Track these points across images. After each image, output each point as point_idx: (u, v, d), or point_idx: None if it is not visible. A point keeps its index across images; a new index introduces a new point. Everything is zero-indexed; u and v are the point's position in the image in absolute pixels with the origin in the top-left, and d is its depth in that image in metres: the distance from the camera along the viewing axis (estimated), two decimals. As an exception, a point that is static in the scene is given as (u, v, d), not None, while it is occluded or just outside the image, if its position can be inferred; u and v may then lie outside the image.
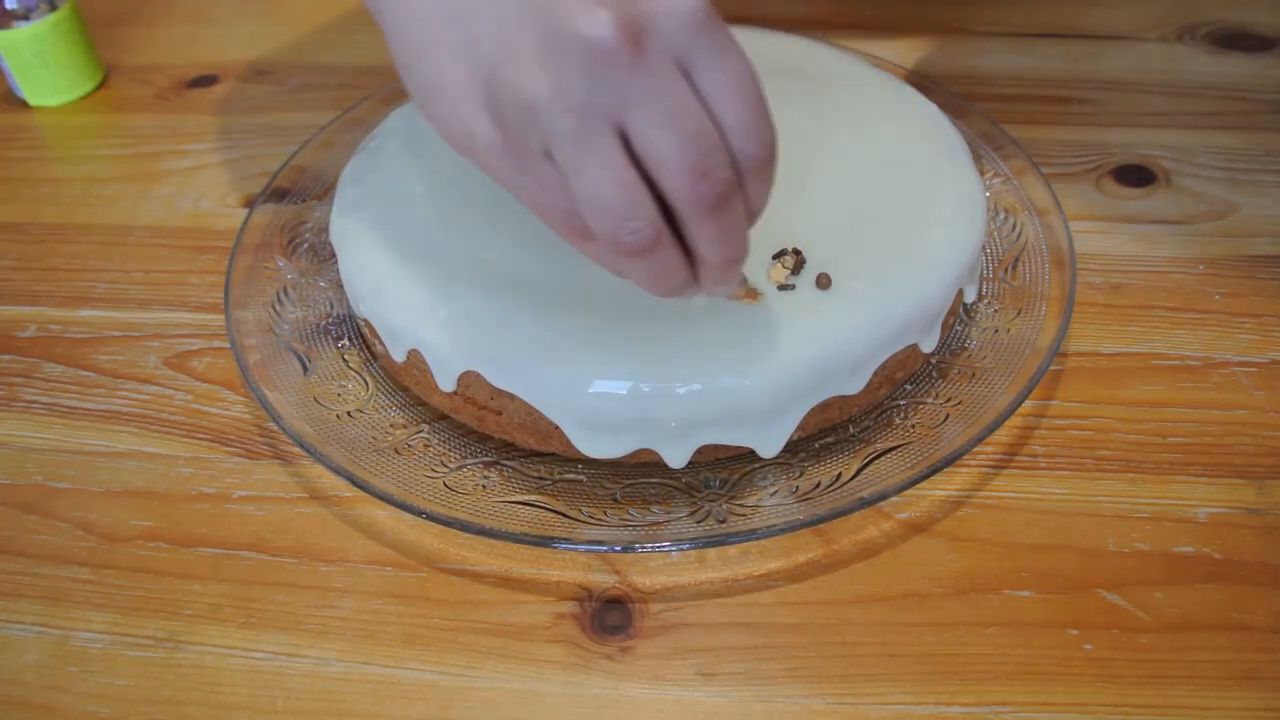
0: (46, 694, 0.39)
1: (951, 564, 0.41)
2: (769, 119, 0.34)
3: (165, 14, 0.74)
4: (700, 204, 0.33)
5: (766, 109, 0.34)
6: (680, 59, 0.32)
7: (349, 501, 0.44)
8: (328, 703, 0.38)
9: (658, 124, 0.32)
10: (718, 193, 0.33)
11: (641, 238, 0.33)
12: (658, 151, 0.32)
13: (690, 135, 0.32)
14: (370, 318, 0.45)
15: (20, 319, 0.53)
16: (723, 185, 0.33)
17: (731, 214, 0.34)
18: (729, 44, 0.33)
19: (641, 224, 0.33)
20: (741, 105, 0.33)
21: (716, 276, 0.36)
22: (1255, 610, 0.39)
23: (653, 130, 0.32)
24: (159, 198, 0.59)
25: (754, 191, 0.35)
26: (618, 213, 0.33)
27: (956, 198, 0.46)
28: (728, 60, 0.33)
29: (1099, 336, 0.49)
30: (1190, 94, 0.62)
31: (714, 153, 0.32)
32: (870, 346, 0.41)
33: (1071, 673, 0.38)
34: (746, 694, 0.38)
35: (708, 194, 0.33)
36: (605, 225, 0.33)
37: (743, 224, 0.35)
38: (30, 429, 0.47)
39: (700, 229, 0.34)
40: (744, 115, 0.33)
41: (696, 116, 0.32)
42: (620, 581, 0.41)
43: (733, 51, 0.33)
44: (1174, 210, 0.55)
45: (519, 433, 0.43)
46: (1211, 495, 0.42)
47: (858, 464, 0.42)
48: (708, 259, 0.35)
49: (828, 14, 0.69)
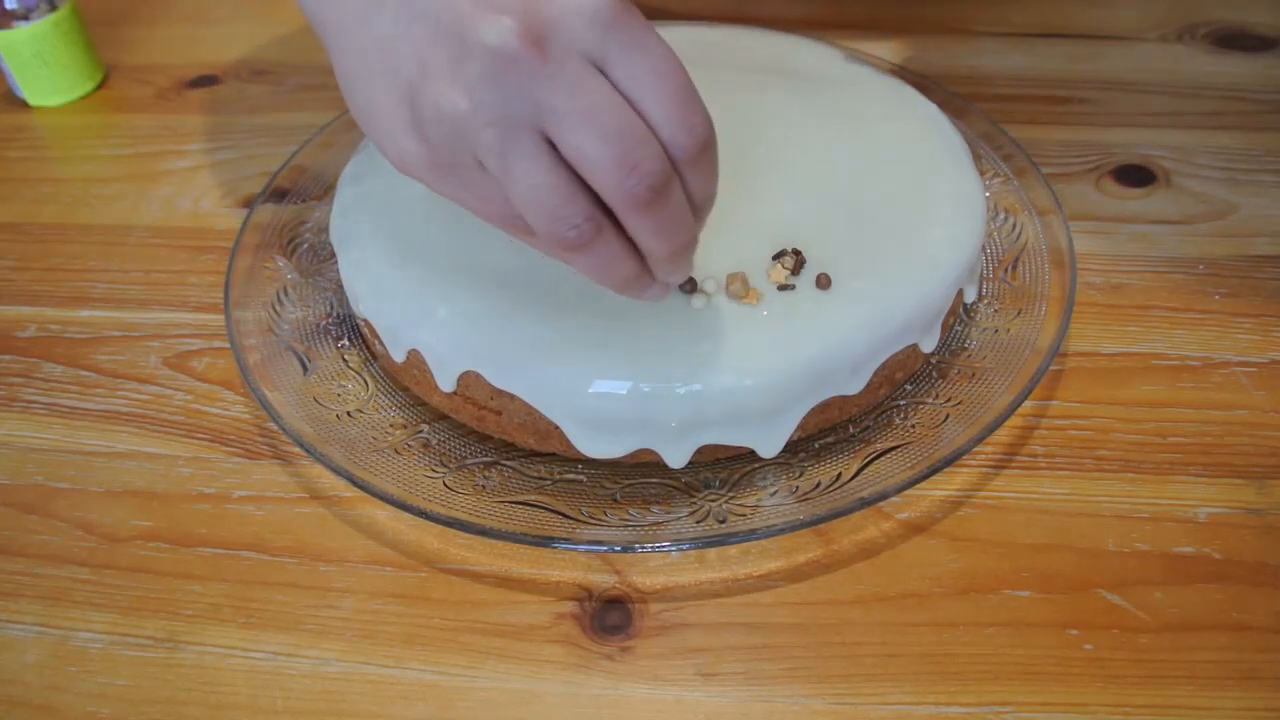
0: (46, 694, 0.39)
1: (951, 564, 0.41)
2: (697, 107, 0.33)
3: (165, 14, 0.74)
4: (631, 200, 0.33)
5: (694, 97, 0.33)
6: (593, 57, 0.32)
7: (349, 501, 0.44)
8: (328, 703, 0.38)
9: (574, 125, 0.32)
10: (647, 186, 0.32)
11: (580, 234, 0.34)
12: (578, 152, 0.32)
13: (609, 132, 0.32)
14: (370, 318, 0.45)
15: (20, 319, 0.53)
16: (652, 179, 0.32)
17: (667, 206, 0.33)
18: (646, 36, 0.32)
19: (579, 221, 0.33)
20: (664, 96, 0.33)
21: (665, 267, 0.36)
22: (1255, 610, 0.39)
23: (571, 132, 0.32)
24: (159, 198, 0.59)
25: (694, 182, 0.34)
26: (553, 214, 0.33)
27: (956, 198, 0.46)
28: (645, 53, 0.32)
29: (1099, 336, 0.49)
30: (1190, 94, 0.62)
31: (639, 146, 0.32)
32: (870, 346, 0.41)
33: (1071, 673, 0.38)
34: (746, 694, 0.38)
35: (636, 189, 0.32)
36: (544, 226, 0.34)
37: (683, 215, 0.34)
38: (30, 429, 0.47)
39: (637, 223, 0.34)
40: (668, 106, 0.33)
41: (616, 112, 0.32)
42: (620, 581, 0.41)
43: (651, 43, 0.33)
44: (1174, 210, 0.55)
45: (519, 433, 0.43)
46: (1211, 495, 0.42)
47: (858, 464, 0.42)
48: (651, 251, 0.35)
49: (828, 14, 0.69)
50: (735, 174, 0.45)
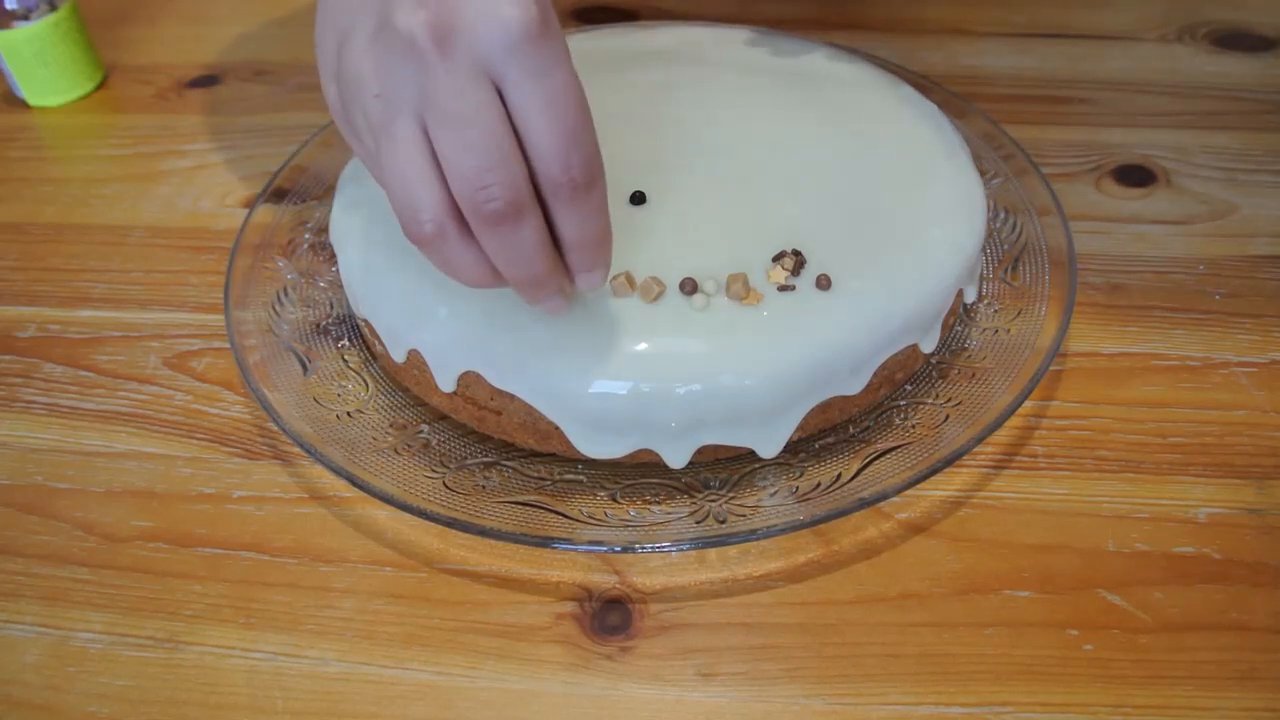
0: (46, 694, 0.39)
1: (951, 564, 0.41)
2: (583, 147, 0.33)
3: (165, 14, 0.74)
4: (475, 214, 0.33)
5: (583, 135, 0.33)
6: (493, 71, 0.32)
7: (349, 501, 0.44)
8: (328, 703, 0.38)
9: (445, 125, 0.33)
10: (492, 209, 0.33)
11: (422, 231, 0.34)
12: (442, 153, 0.33)
13: (473, 143, 0.32)
14: (370, 318, 0.45)
15: (20, 319, 0.53)
16: (500, 204, 0.33)
17: (516, 233, 0.34)
18: (554, 64, 0.32)
19: (426, 215, 0.34)
20: (550, 127, 0.33)
21: (519, 286, 0.36)
22: (1255, 610, 0.39)
23: (439, 130, 0.33)
24: (159, 198, 0.59)
25: (565, 220, 0.34)
26: (406, 201, 0.34)
27: (956, 198, 0.46)
28: (544, 80, 0.32)
29: (1099, 336, 0.49)
30: (1190, 94, 0.62)
31: (496, 168, 0.32)
32: (870, 347, 0.41)
33: (1071, 673, 0.38)
34: (746, 694, 0.38)
35: (482, 207, 0.33)
36: (396, 208, 0.35)
37: (532, 248, 0.34)
38: (30, 429, 0.47)
39: (481, 238, 0.34)
40: (551, 138, 0.33)
41: (486, 126, 0.32)
42: (620, 582, 0.41)
43: (556, 72, 0.33)
44: (1174, 210, 0.55)
45: (519, 433, 0.43)
46: (1211, 495, 0.42)
47: (858, 464, 0.42)
48: (500, 269, 0.35)
49: (828, 14, 0.69)
50: (735, 175, 0.45)
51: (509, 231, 0.34)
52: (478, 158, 0.32)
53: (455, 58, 0.32)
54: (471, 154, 0.32)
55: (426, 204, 0.34)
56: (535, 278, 0.35)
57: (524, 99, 0.33)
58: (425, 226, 0.34)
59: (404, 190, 0.34)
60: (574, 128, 0.33)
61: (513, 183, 0.33)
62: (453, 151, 0.33)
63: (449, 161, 0.33)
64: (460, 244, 0.35)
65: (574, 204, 0.34)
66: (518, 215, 0.33)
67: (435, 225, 0.34)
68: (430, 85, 0.32)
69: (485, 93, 0.32)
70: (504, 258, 0.35)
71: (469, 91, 0.32)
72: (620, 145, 0.46)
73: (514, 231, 0.34)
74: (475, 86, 0.32)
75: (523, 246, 0.34)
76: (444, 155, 0.33)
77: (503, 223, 0.33)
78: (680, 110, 0.48)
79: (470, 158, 0.32)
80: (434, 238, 0.34)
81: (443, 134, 0.33)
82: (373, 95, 0.34)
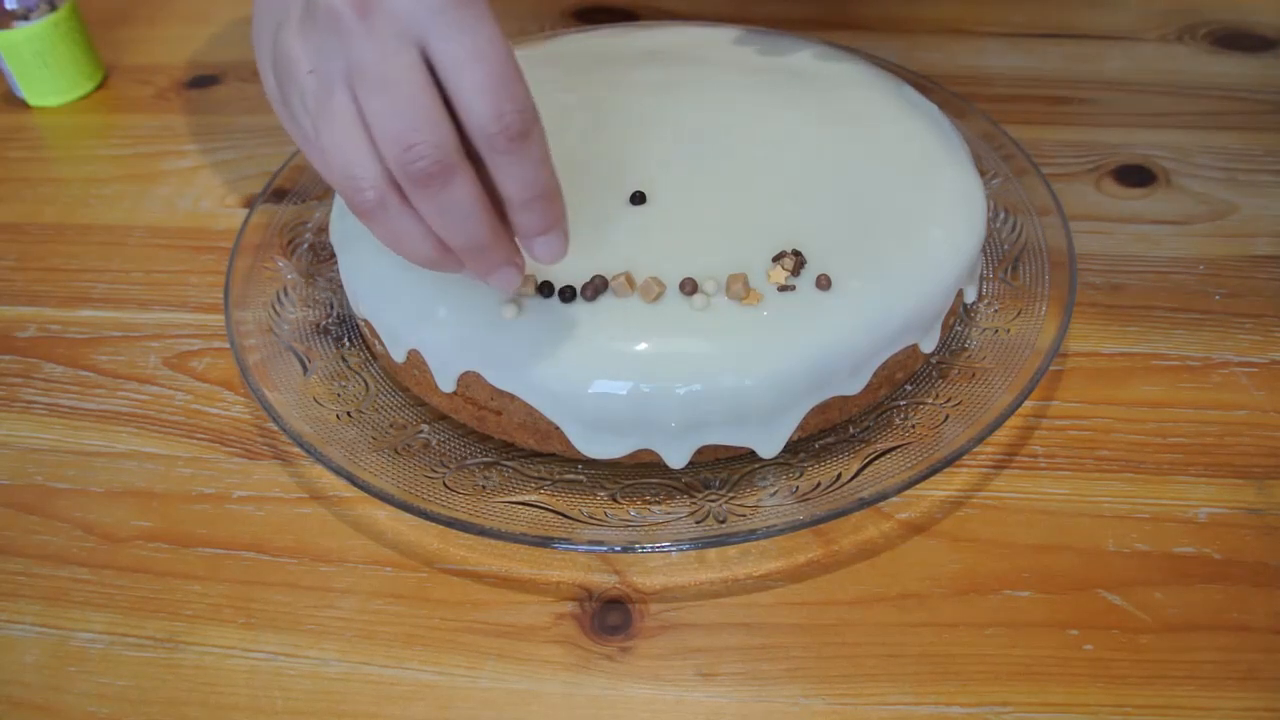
0: (46, 694, 0.39)
1: (951, 564, 0.41)
2: (514, 94, 0.33)
3: (165, 14, 0.74)
4: (405, 176, 0.33)
5: (511, 83, 0.33)
6: (417, 34, 0.33)
7: (349, 501, 0.44)
8: (328, 703, 0.38)
9: (371, 91, 0.33)
10: (419, 169, 0.33)
11: (365, 198, 0.34)
12: (370, 119, 0.33)
13: (397, 106, 0.32)
14: (370, 318, 0.45)
15: (20, 319, 0.53)
16: (427, 163, 0.33)
17: (447, 193, 0.34)
18: (476, 22, 0.33)
19: (366, 184, 0.34)
20: (476, 81, 0.32)
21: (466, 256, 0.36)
22: (1255, 610, 0.39)
23: (366, 97, 0.33)
24: (158, 198, 0.59)
25: (505, 172, 0.34)
26: (345, 172, 0.34)
27: (956, 198, 0.46)
28: (467, 35, 0.32)
29: (1099, 336, 0.49)
30: (1190, 94, 0.62)
31: (422, 127, 0.32)
32: (870, 347, 0.41)
33: (1071, 673, 0.38)
34: (746, 694, 0.38)
35: (409, 168, 0.33)
36: (337, 183, 0.35)
37: (468, 207, 0.34)
38: (30, 429, 0.47)
39: (415, 202, 0.34)
40: (478, 91, 0.33)
41: (410, 88, 0.32)
42: (620, 582, 0.41)
43: (479, 29, 0.33)
44: (1174, 210, 0.55)
45: (519, 433, 0.43)
46: (1211, 495, 0.42)
47: (858, 464, 0.42)
48: (442, 236, 0.35)
49: (828, 14, 0.69)
50: (736, 175, 0.45)
51: (439, 190, 0.33)
52: (403, 119, 0.32)
53: (377, 23, 0.32)
54: (397, 117, 0.32)
55: (366, 173, 0.34)
56: (478, 243, 0.35)
57: (449, 56, 0.33)
58: (367, 194, 0.34)
59: (343, 162, 0.34)
60: (503, 76, 0.33)
61: (439, 142, 0.33)
62: (379, 117, 0.33)
63: (376, 127, 0.33)
64: (401, 213, 0.35)
65: (511, 155, 0.34)
66: (447, 174, 0.33)
67: (376, 194, 0.34)
68: (356, 53, 0.33)
69: (409, 55, 0.33)
70: (442, 222, 0.34)
71: (392, 55, 0.32)
72: (621, 145, 0.46)
73: (444, 190, 0.33)
74: (399, 49, 0.32)
75: (458, 208, 0.34)
76: (372, 122, 0.33)
77: (431, 182, 0.33)
78: (680, 110, 0.48)
79: (395, 121, 0.32)
80: (375, 207, 0.34)
81: (370, 100, 0.33)
82: (306, 72, 0.34)
